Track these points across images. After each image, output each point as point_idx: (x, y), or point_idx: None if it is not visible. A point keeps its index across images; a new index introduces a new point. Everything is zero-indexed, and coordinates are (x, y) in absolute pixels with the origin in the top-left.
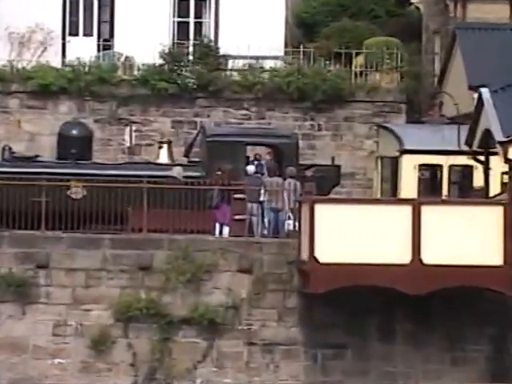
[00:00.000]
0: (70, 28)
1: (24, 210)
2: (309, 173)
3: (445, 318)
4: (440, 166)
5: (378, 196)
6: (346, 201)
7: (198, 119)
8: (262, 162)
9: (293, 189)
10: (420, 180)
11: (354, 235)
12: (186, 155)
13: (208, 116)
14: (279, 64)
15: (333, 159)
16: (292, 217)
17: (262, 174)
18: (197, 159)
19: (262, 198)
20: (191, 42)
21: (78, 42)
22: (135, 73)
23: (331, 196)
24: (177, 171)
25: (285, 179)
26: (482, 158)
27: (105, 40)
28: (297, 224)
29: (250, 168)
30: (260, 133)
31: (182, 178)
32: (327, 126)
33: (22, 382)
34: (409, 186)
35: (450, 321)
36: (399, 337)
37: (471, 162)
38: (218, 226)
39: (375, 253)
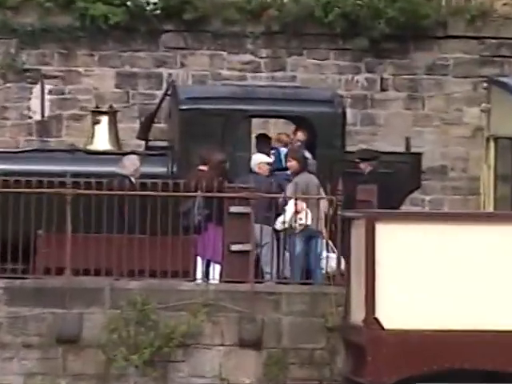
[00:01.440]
0: None
1: None
2: (364, 167)
3: None
4: None
5: (491, 208)
6: (432, 218)
7: (163, 71)
8: (281, 149)
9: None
10: None
11: (449, 280)
12: (143, 136)
13: (182, 65)
14: None
15: (408, 142)
16: (335, 249)
17: (282, 170)
18: (162, 144)
19: (281, 217)
20: None
21: None
22: None
23: (405, 209)
24: (127, 165)
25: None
26: None
27: None
28: (342, 260)
29: (258, 158)
30: (276, 96)
31: (136, 177)
32: (397, 84)
33: None
34: None
35: None
36: None
37: None
38: (200, 262)
39: (488, 313)
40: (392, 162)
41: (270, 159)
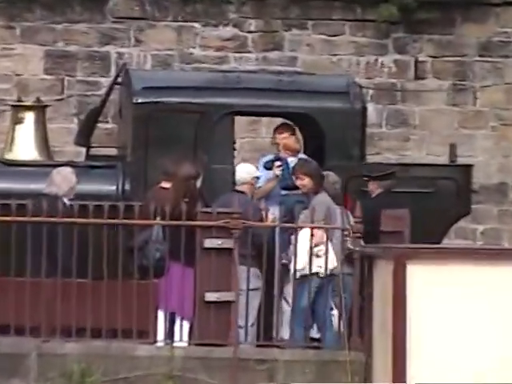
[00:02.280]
0: None
1: None
2: (373, 188)
3: None
4: None
5: None
6: (486, 256)
7: (111, 50)
8: (290, 159)
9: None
10: None
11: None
12: (83, 141)
13: (137, 43)
14: None
15: (452, 151)
16: (348, 299)
17: (292, 189)
18: (110, 152)
19: (301, 256)
20: None
21: None
22: None
23: (449, 244)
24: (58, 182)
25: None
26: None
27: None
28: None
29: (246, 171)
30: (269, 85)
31: (71, 198)
32: (438, 69)
33: None
34: None
35: None
36: None
37: None
38: (162, 317)
39: None
40: (431, 179)
41: (259, 172)
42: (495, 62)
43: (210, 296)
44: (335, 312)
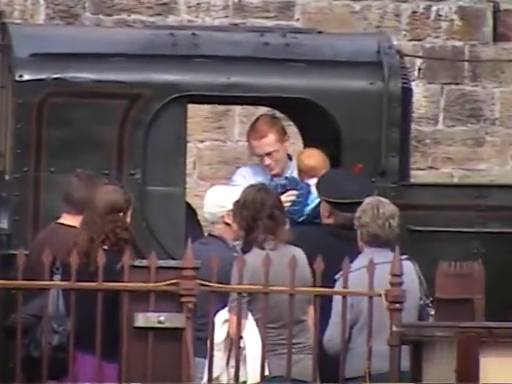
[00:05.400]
0: None
1: None
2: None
3: None
4: None
5: None
6: None
7: None
8: (310, 181)
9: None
10: None
11: None
12: None
13: None
14: None
15: None
16: None
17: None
18: None
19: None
20: None
21: None
22: None
23: None
24: None
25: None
26: None
27: None
28: None
29: (214, 200)
30: (247, 50)
31: None
32: None
33: None
34: None
35: None
36: None
37: None
38: None
39: None
40: None
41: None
42: None
43: None
44: None
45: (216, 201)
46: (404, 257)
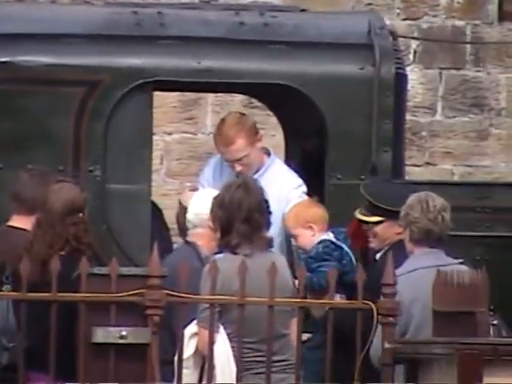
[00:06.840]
0: None
1: None
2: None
3: None
4: None
5: None
6: None
7: None
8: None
9: None
10: None
11: None
12: None
13: None
14: None
15: None
16: None
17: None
18: None
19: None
20: None
21: None
22: None
23: None
24: None
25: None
26: None
27: None
28: None
29: (201, 200)
30: (220, 30)
31: None
32: None
33: None
34: None
35: None
36: None
37: None
38: None
39: None
40: None
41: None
42: None
43: None
44: None
45: (205, 202)
46: (457, 261)
